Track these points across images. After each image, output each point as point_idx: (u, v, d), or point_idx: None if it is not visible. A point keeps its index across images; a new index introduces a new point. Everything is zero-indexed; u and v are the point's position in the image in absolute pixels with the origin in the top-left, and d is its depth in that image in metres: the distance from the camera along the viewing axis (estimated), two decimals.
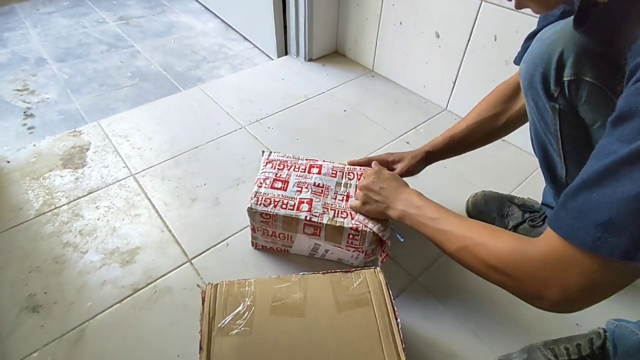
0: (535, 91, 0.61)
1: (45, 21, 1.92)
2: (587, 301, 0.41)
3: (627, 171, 0.34)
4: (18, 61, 1.59)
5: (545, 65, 0.57)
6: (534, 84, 0.60)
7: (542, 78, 0.58)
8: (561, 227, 0.40)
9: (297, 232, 0.75)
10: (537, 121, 0.65)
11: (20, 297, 0.75)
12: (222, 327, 0.55)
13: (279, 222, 0.74)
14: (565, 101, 0.57)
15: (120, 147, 1.10)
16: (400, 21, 1.26)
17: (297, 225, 0.73)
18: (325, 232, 0.73)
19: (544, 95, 0.59)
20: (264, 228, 0.76)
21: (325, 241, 0.75)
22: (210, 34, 1.84)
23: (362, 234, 0.72)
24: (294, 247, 0.80)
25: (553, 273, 0.41)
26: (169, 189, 0.98)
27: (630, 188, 0.34)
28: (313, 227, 0.73)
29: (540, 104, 0.61)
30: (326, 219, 0.72)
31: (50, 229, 0.88)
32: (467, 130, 0.77)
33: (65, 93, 1.41)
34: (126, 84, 1.47)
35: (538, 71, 0.59)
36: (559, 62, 0.55)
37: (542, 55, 0.58)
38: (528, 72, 0.61)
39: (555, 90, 0.57)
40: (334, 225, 0.72)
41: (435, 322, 0.73)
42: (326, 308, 0.58)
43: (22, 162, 1.05)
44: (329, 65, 1.51)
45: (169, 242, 0.86)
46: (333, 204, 0.75)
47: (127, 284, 0.78)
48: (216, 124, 1.20)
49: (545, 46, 0.57)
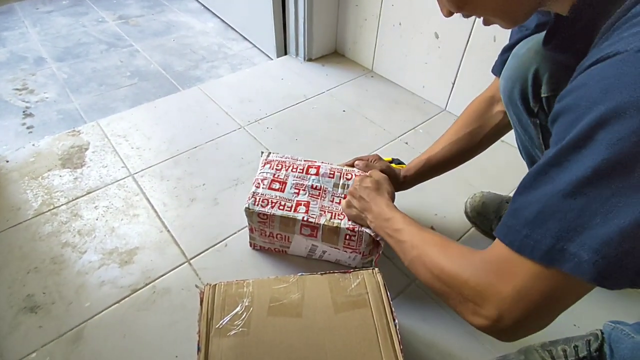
0: (516, 107, 0.61)
1: (45, 20, 1.92)
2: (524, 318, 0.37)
3: (555, 170, 0.34)
4: (17, 60, 1.59)
5: (522, 82, 0.58)
6: (514, 100, 0.61)
7: (521, 94, 0.59)
8: (499, 230, 0.39)
9: (295, 232, 0.75)
10: (522, 134, 0.66)
11: (19, 298, 0.75)
12: (220, 327, 0.55)
13: (276, 223, 0.74)
14: (546, 116, 0.57)
15: (119, 147, 1.10)
16: (399, 22, 1.26)
17: (294, 225, 0.73)
18: (322, 233, 0.73)
19: (525, 111, 0.60)
20: (262, 228, 0.76)
21: (322, 242, 0.75)
22: (210, 33, 1.83)
23: (358, 234, 0.72)
24: (291, 248, 0.80)
25: (490, 279, 0.39)
26: (168, 189, 0.98)
27: (554, 186, 0.34)
28: (310, 228, 0.73)
29: (522, 119, 0.62)
30: (323, 220, 0.72)
31: (49, 229, 0.88)
32: (444, 151, 0.77)
33: (64, 92, 1.41)
34: (125, 83, 1.46)
35: (516, 88, 0.60)
36: (534, 79, 0.56)
37: (518, 72, 0.58)
38: (507, 88, 0.62)
39: (535, 106, 0.58)
40: (331, 226, 0.72)
41: (433, 323, 0.73)
42: (324, 309, 0.58)
43: (21, 161, 1.05)
44: (329, 65, 1.51)
45: (168, 242, 0.86)
46: (330, 206, 0.75)
47: (125, 284, 0.78)
48: (215, 124, 1.20)
49: (520, 63, 0.58)
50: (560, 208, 0.33)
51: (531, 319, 0.38)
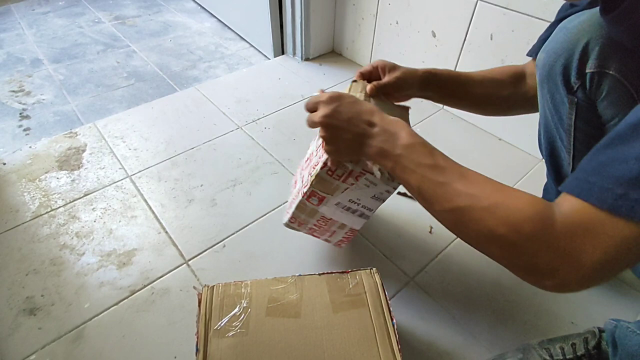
0: (554, 83, 0.57)
1: (41, 21, 1.91)
2: (601, 276, 0.35)
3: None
4: (13, 62, 1.58)
5: (568, 56, 0.54)
6: (553, 75, 0.57)
7: (563, 69, 0.55)
8: (575, 187, 0.35)
9: (317, 208, 0.70)
10: (550, 115, 0.62)
11: (18, 300, 0.76)
12: (218, 328, 0.55)
13: (301, 214, 0.72)
14: (585, 95, 0.55)
15: (117, 148, 1.10)
16: (396, 20, 1.26)
17: (306, 206, 0.69)
18: (319, 190, 0.67)
19: (563, 88, 0.56)
20: (307, 230, 0.76)
21: (332, 196, 0.69)
22: (207, 33, 1.83)
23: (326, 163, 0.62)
24: (340, 222, 0.75)
25: (575, 244, 0.34)
26: (166, 190, 0.98)
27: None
28: (311, 195, 0.67)
29: (557, 96, 0.58)
30: (309, 181, 0.66)
31: (47, 231, 0.88)
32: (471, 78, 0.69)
33: (61, 94, 1.40)
34: (122, 84, 1.46)
35: (559, 62, 0.55)
36: (583, 52, 0.52)
37: (565, 45, 0.54)
38: (548, 62, 0.57)
39: (576, 82, 0.54)
40: (313, 179, 0.63)
41: (431, 321, 0.73)
42: (322, 309, 0.59)
43: (18, 164, 1.05)
44: (326, 64, 1.51)
45: (166, 243, 0.86)
46: (309, 166, 0.70)
47: (124, 285, 0.78)
48: (212, 125, 1.20)
49: (569, 35, 0.54)
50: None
51: (609, 277, 0.36)
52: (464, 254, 0.84)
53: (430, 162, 0.45)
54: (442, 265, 0.83)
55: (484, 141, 1.15)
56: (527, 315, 0.74)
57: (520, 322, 0.73)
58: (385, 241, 0.87)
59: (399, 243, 0.87)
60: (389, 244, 0.86)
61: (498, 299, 0.77)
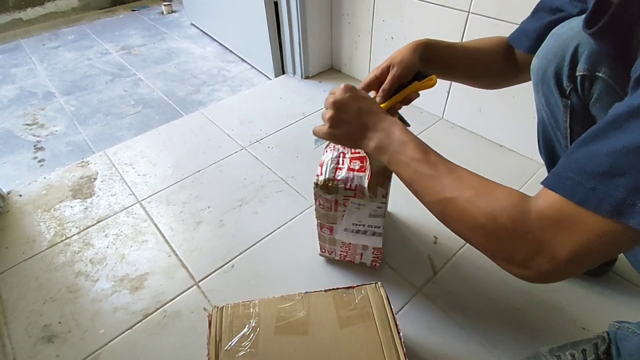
0: (548, 87, 0.59)
1: (52, 55, 2.00)
2: (576, 267, 0.37)
3: (636, 122, 0.32)
4: (27, 96, 1.65)
5: (559, 60, 0.56)
6: (547, 80, 0.59)
7: (555, 73, 0.57)
8: (553, 181, 0.37)
9: (332, 237, 0.79)
10: (547, 118, 0.64)
11: (36, 328, 0.78)
12: (228, 349, 0.57)
13: (325, 244, 0.82)
14: (578, 98, 0.56)
15: (126, 175, 1.14)
16: (391, 36, 1.29)
17: (323, 236, 0.80)
18: (324, 222, 0.77)
19: (556, 91, 0.58)
20: (339, 257, 0.84)
21: (337, 224, 0.75)
22: (209, 57, 1.89)
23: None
24: (360, 244, 0.79)
25: (548, 235, 0.36)
26: (174, 214, 1.01)
27: (634, 137, 0.31)
28: (322, 227, 0.78)
29: (551, 100, 0.60)
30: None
31: (62, 259, 0.91)
32: (465, 47, 0.70)
33: (72, 125, 1.46)
34: (130, 112, 1.51)
35: (551, 66, 0.57)
36: (573, 56, 0.54)
37: (556, 50, 0.56)
38: (541, 67, 0.59)
39: (568, 85, 0.56)
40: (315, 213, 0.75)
41: (440, 332, 0.74)
42: (329, 325, 0.60)
43: (33, 195, 1.09)
44: (326, 81, 1.54)
45: (176, 266, 0.88)
46: None
47: (137, 309, 0.80)
48: (218, 147, 1.23)
49: (560, 41, 0.56)
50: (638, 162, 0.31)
51: (582, 268, 0.37)
52: (469, 264, 0.85)
53: (422, 157, 0.49)
54: (450, 275, 0.83)
55: (485, 148, 1.16)
56: (536, 322, 0.74)
57: (529, 329, 0.73)
58: (391, 253, 0.88)
59: (405, 255, 0.88)
60: (394, 256, 0.87)
61: (506, 307, 0.77)
